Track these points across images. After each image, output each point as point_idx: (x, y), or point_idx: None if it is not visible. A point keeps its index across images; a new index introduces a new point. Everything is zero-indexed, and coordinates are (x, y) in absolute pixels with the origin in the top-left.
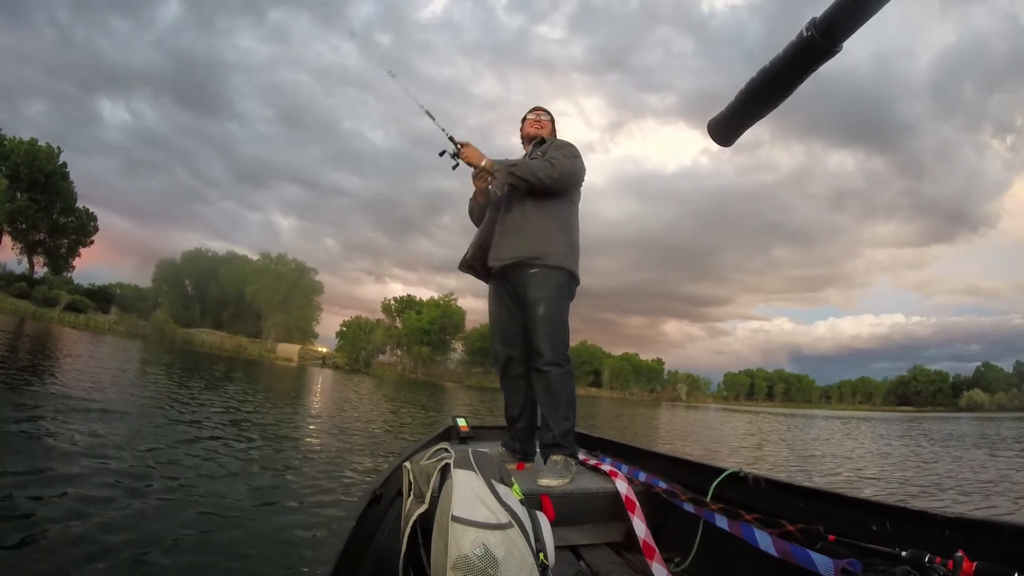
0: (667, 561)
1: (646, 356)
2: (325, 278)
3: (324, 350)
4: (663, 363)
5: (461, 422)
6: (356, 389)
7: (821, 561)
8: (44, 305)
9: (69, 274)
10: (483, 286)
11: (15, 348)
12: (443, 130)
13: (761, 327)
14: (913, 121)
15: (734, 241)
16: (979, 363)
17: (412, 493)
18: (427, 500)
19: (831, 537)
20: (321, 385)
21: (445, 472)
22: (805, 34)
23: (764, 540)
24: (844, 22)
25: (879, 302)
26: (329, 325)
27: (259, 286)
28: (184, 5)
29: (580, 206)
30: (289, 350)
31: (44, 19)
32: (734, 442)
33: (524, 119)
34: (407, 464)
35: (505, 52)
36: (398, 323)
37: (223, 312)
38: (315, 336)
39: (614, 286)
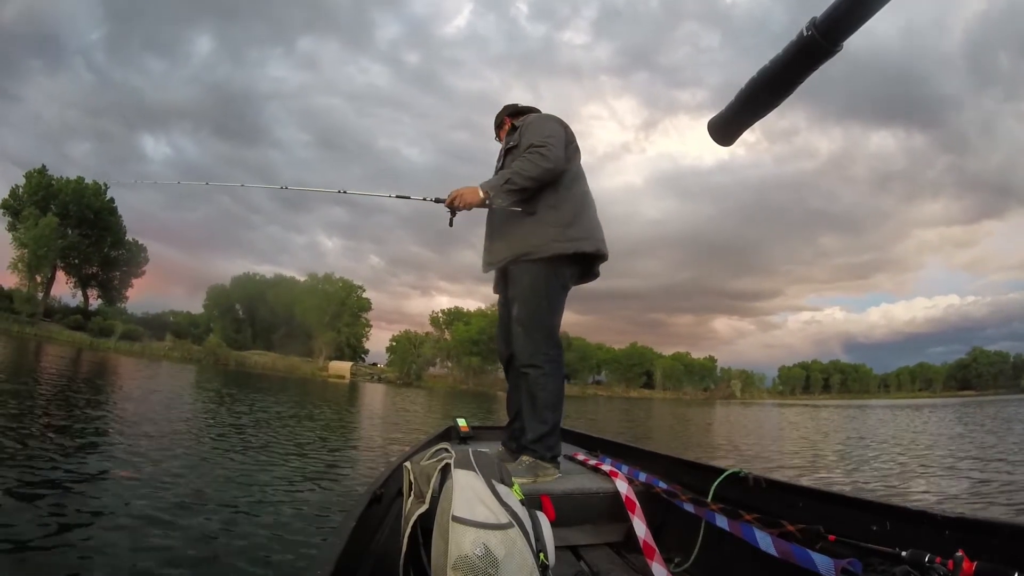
0: (667, 561)
1: (697, 354)
2: (372, 295)
3: (378, 366)
4: (715, 360)
5: (461, 422)
6: (411, 400)
7: (821, 561)
8: (100, 336)
9: (122, 305)
10: None
11: (77, 374)
12: (424, 199)
13: (813, 318)
14: (951, 95)
15: (779, 232)
16: None
17: (412, 493)
18: (427, 500)
19: (831, 537)
20: (372, 399)
21: (445, 472)
22: (805, 34)
23: (764, 540)
24: (844, 22)
25: (931, 284)
26: (379, 341)
27: (308, 306)
28: (216, 41)
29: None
30: (341, 367)
31: (82, 63)
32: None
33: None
34: (407, 464)
35: (532, 61)
36: (447, 335)
37: (274, 333)
38: (365, 352)
39: (660, 286)
